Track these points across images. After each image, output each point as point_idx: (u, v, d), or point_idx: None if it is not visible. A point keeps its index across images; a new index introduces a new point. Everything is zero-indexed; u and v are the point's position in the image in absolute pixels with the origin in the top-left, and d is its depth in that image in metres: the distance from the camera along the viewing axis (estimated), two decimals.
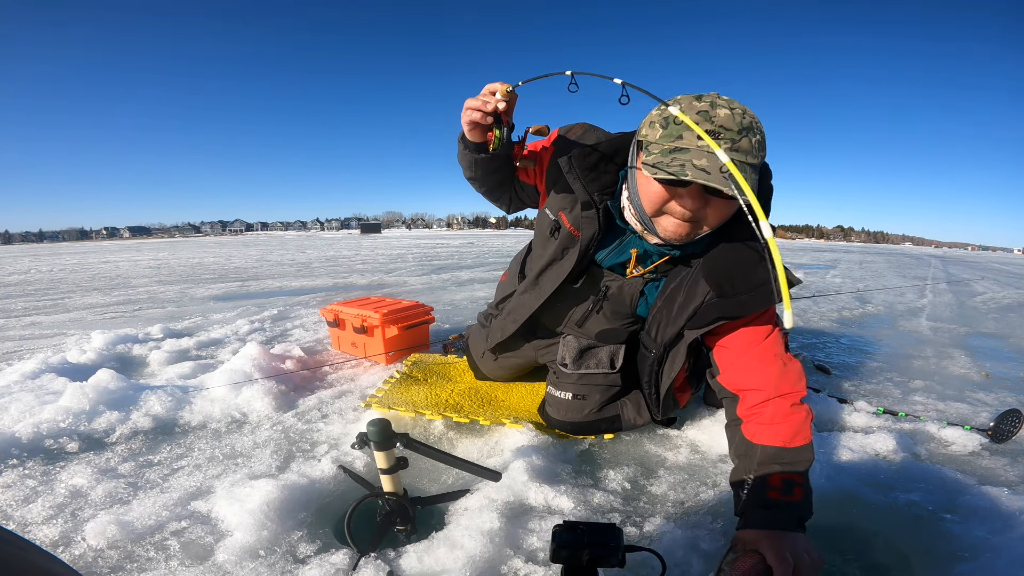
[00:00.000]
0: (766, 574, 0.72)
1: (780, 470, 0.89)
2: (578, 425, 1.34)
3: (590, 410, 1.33)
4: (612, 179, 1.12)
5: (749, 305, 1.01)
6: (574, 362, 1.35)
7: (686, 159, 0.85)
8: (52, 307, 3.91)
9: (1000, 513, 1.00)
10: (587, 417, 1.33)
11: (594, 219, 1.12)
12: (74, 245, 54.88)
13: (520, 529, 0.95)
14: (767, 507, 0.85)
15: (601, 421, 1.34)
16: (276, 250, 14.08)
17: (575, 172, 1.12)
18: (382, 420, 0.89)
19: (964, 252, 36.00)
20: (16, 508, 1.03)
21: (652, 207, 0.98)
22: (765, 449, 0.93)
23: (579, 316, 1.32)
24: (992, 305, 4.19)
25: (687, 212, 0.93)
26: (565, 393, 1.35)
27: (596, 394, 1.34)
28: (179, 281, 5.76)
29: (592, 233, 1.13)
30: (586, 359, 1.36)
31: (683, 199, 0.92)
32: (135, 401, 1.49)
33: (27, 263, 10.45)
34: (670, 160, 0.87)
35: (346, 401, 1.61)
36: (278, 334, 2.58)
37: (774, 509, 0.84)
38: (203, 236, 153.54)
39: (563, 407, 1.35)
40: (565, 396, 1.35)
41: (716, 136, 0.85)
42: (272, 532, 0.93)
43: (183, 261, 9.81)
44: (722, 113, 0.86)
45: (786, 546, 0.75)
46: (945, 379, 1.98)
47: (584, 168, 1.12)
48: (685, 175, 0.84)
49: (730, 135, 0.85)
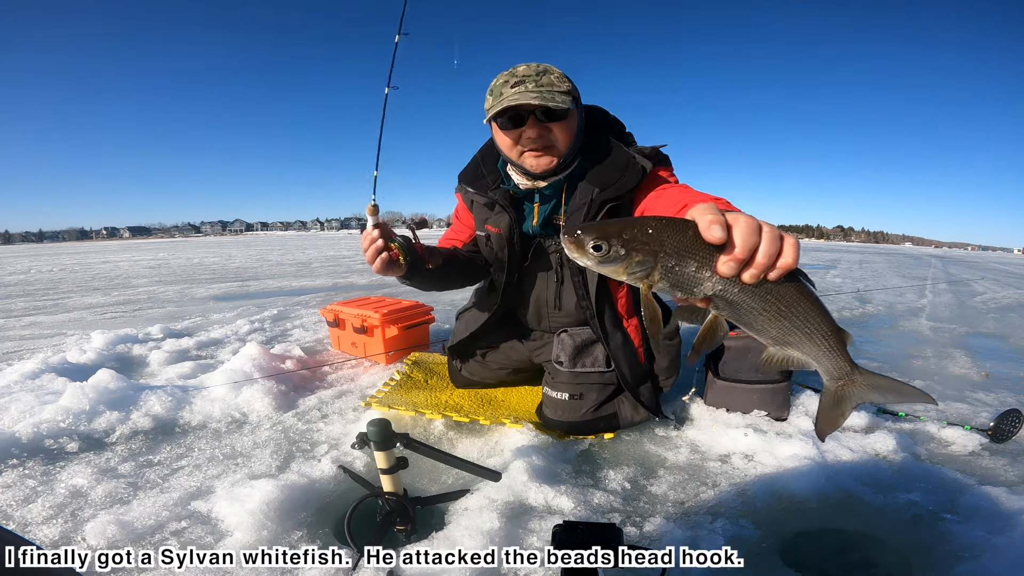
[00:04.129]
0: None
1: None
2: (576, 425, 1.34)
3: (587, 409, 1.34)
4: (494, 173, 1.34)
5: (624, 182, 1.17)
6: (570, 360, 1.36)
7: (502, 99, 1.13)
8: (52, 307, 3.91)
9: (1000, 513, 1.00)
10: (584, 416, 1.34)
11: (502, 209, 1.31)
12: (74, 245, 54.89)
13: (520, 529, 0.95)
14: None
15: (599, 420, 1.35)
16: (276, 250, 14.08)
17: (468, 191, 1.37)
18: (382, 420, 0.89)
19: (964, 252, 36.02)
20: (16, 508, 1.03)
21: (509, 148, 1.21)
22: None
23: (552, 296, 1.39)
24: (992, 305, 4.19)
25: (535, 140, 1.15)
26: (561, 393, 1.36)
27: (593, 393, 1.35)
28: (179, 281, 5.76)
29: (508, 218, 1.30)
30: (582, 357, 1.37)
31: (525, 131, 1.15)
32: (135, 401, 1.49)
33: (27, 263, 10.45)
34: (494, 104, 1.14)
35: (346, 401, 1.61)
36: (278, 334, 2.58)
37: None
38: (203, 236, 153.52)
39: (560, 407, 1.35)
40: (562, 396, 1.35)
41: (521, 83, 1.12)
42: (272, 532, 0.93)
43: (183, 261, 9.81)
44: (521, 68, 1.16)
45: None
46: (945, 379, 1.98)
47: (470, 180, 1.37)
48: (502, 104, 1.11)
49: (531, 78, 1.12)
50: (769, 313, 0.51)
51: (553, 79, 1.13)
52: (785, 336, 0.53)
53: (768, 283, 0.49)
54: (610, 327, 1.34)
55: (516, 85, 1.12)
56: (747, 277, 0.48)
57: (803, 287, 0.51)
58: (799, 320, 0.52)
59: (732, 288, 0.50)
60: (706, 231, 0.47)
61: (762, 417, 1.45)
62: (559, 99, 1.10)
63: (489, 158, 1.37)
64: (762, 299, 0.50)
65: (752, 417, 1.45)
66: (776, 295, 0.50)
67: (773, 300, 0.50)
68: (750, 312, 0.51)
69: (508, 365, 1.58)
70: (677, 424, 1.46)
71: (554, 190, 1.26)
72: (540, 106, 1.11)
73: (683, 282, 0.50)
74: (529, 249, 1.35)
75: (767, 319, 0.52)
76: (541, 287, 1.41)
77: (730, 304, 0.51)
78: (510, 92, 1.12)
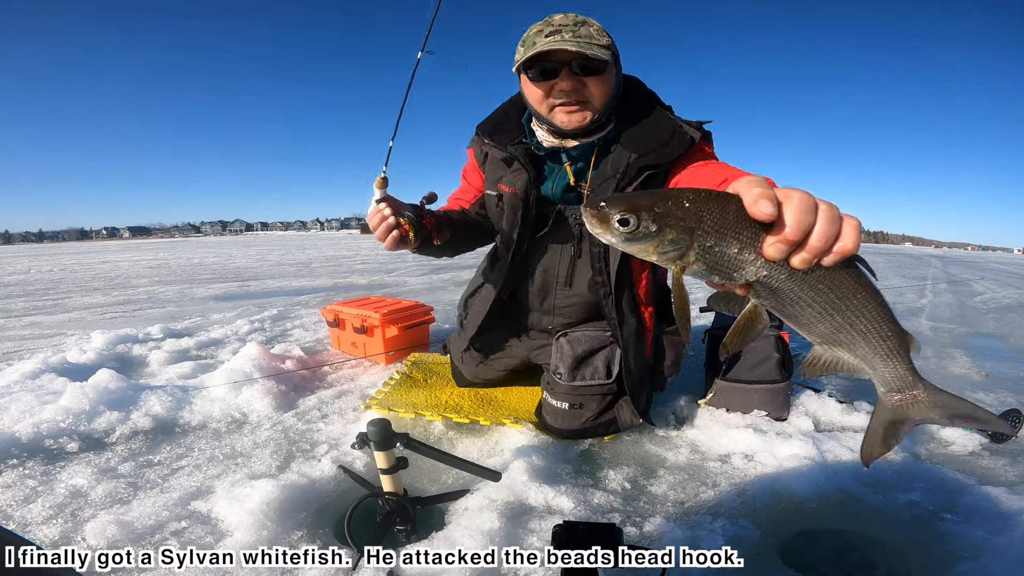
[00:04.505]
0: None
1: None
2: (575, 432, 1.33)
3: (587, 418, 1.32)
4: (518, 127, 1.26)
5: (668, 150, 1.09)
6: (569, 372, 1.32)
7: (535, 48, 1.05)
8: (52, 307, 3.91)
9: (1000, 513, 1.00)
10: (584, 424, 1.32)
11: (520, 167, 1.22)
12: (74, 245, 54.91)
13: (520, 529, 0.95)
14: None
15: (598, 427, 1.33)
16: (276, 250, 14.08)
17: (485, 144, 1.28)
18: (382, 420, 0.89)
19: (964, 252, 36.02)
20: (16, 508, 1.03)
21: (539, 102, 1.13)
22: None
23: (565, 270, 1.29)
24: (992, 305, 4.19)
25: (569, 94, 1.08)
26: (561, 403, 1.32)
27: (593, 403, 1.32)
28: (179, 281, 5.76)
29: (526, 178, 1.21)
30: (582, 368, 1.33)
31: (558, 84, 1.08)
32: (135, 401, 1.49)
33: (27, 263, 10.45)
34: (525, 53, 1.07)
35: (346, 401, 1.61)
36: (278, 334, 2.58)
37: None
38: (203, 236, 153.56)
39: (559, 416, 1.33)
40: (561, 405, 1.32)
41: (557, 32, 1.04)
42: (272, 532, 0.93)
43: (183, 261, 9.81)
44: (557, 17, 1.08)
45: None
46: (945, 379, 1.98)
47: (489, 131, 1.28)
48: (534, 50, 1.04)
49: (568, 28, 1.05)
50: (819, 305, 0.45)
51: (592, 31, 1.06)
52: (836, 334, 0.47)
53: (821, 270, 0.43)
54: (627, 310, 1.25)
55: (551, 35, 1.04)
56: (797, 262, 0.41)
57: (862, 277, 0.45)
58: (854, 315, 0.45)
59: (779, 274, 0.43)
60: (753, 206, 0.40)
61: (762, 417, 1.45)
62: (598, 50, 1.02)
63: (514, 112, 1.29)
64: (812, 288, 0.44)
65: (752, 417, 1.45)
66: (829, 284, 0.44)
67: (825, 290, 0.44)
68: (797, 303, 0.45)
69: (510, 365, 1.55)
70: (677, 424, 1.46)
71: (583, 153, 1.16)
72: (577, 55, 1.03)
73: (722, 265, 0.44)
74: (546, 216, 1.25)
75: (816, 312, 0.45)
76: (553, 259, 1.30)
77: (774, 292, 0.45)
78: (544, 41, 1.04)
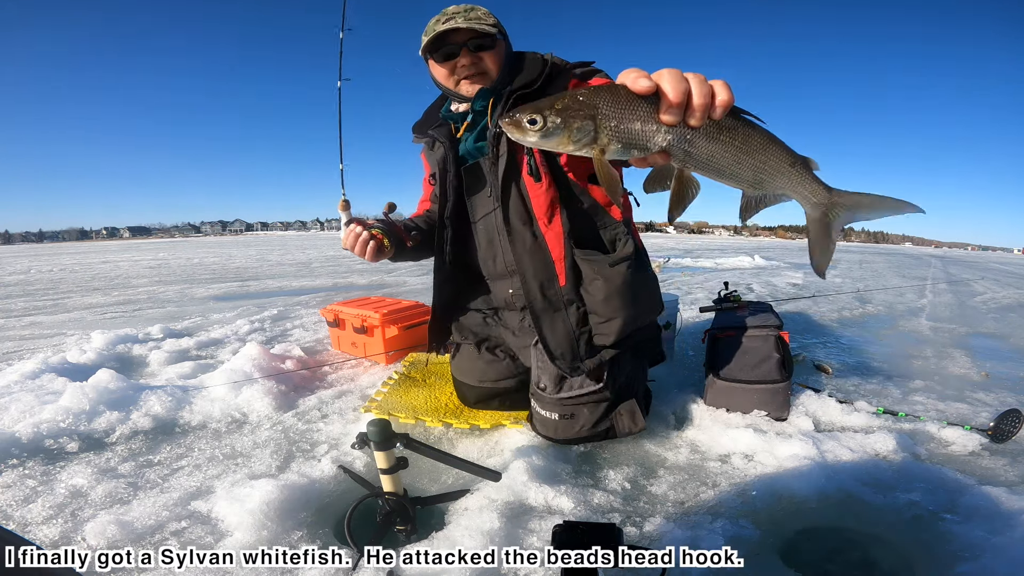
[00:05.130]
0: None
1: None
2: (569, 440, 1.28)
3: (581, 427, 1.26)
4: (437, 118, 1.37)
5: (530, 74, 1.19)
6: (554, 385, 1.25)
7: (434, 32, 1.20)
8: (52, 307, 3.91)
9: (1000, 513, 1.00)
10: (579, 434, 1.26)
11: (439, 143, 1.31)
12: (74, 245, 54.92)
13: (520, 529, 0.95)
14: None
15: (595, 435, 1.27)
16: (276, 250, 14.08)
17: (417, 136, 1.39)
18: (382, 420, 0.89)
19: (964, 252, 36.03)
20: (16, 508, 1.03)
21: (445, 78, 1.27)
22: None
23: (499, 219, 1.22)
24: (992, 305, 4.19)
25: (468, 67, 1.22)
26: (551, 413, 1.26)
27: (585, 410, 1.24)
28: (179, 281, 5.76)
29: (443, 148, 1.31)
30: (567, 379, 1.24)
31: (459, 61, 1.22)
32: (135, 401, 1.49)
33: (27, 263, 10.45)
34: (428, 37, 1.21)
35: (346, 401, 1.61)
36: (278, 334, 2.58)
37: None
38: (203, 236, 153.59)
39: (550, 426, 1.27)
40: (551, 416, 1.26)
41: (451, 19, 1.19)
42: (272, 532, 0.93)
43: (183, 261, 9.81)
44: (450, 8, 1.22)
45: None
46: (945, 379, 1.98)
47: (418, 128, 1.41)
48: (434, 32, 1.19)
49: (460, 15, 1.20)
50: (730, 154, 0.53)
51: (480, 14, 1.21)
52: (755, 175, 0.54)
53: (717, 124, 0.51)
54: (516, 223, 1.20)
55: (447, 22, 1.19)
56: (693, 121, 0.50)
57: (753, 124, 0.53)
58: (761, 155, 0.53)
59: (684, 135, 0.51)
60: (633, 84, 0.49)
61: (762, 417, 1.45)
62: (487, 28, 1.19)
63: (434, 107, 1.42)
64: (716, 141, 0.52)
65: (752, 417, 1.45)
66: (729, 134, 0.52)
67: (728, 139, 0.52)
68: (712, 158, 0.53)
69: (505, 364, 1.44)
70: (677, 424, 1.46)
71: (483, 103, 1.24)
72: (469, 32, 1.19)
73: (633, 138, 0.52)
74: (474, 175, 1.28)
75: (730, 160, 0.53)
76: (486, 209, 1.29)
77: (688, 154, 0.52)
78: (441, 27, 1.19)
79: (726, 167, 0.53)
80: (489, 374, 1.45)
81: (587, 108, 0.51)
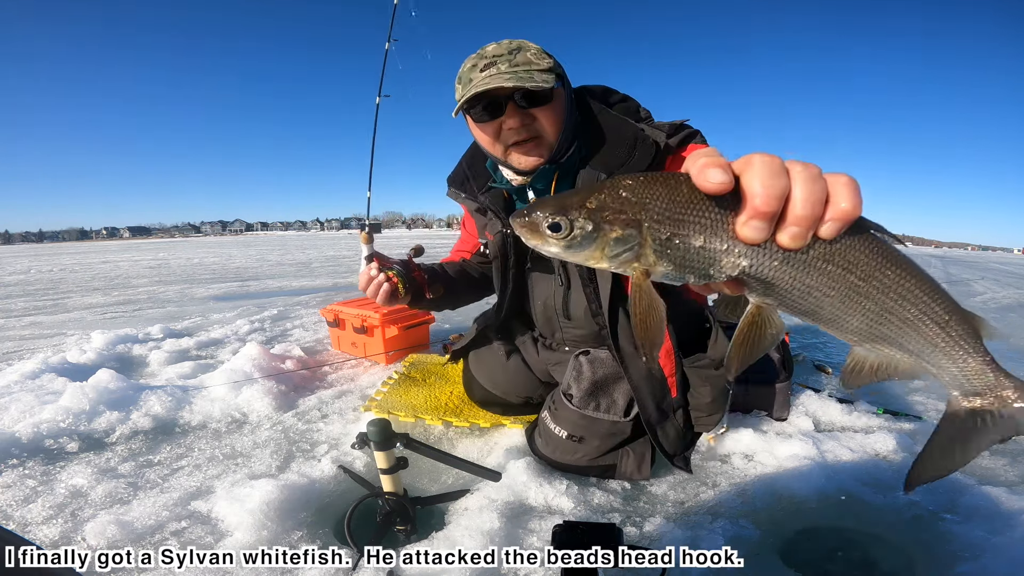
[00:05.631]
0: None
1: None
2: (566, 466, 1.16)
3: (583, 455, 1.14)
4: (486, 174, 1.18)
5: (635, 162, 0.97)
6: (582, 397, 1.14)
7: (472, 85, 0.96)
8: (52, 307, 3.91)
9: (1000, 513, 1.00)
10: (578, 461, 1.15)
11: (493, 213, 1.14)
12: (74, 245, 54.95)
13: (520, 529, 0.95)
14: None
15: (592, 468, 1.16)
16: (276, 250, 14.08)
17: (458, 195, 1.21)
18: (382, 420, 0.89)
19: (964, 252, 36.00)
20: (16, 508, 1.03)
21: (490, 144, 1.03)
22: None
23: (559, 302, 1.19)
24: (992, 305, 4.19)
25: (518, 130, 0.98)
26: (560, 429, 1.16)
27: (596, 439, 1.14)
28: (179, 281, 5.76)
29: (499, 225, 1.15)
30: (598, 396, 1.14)
31: (506, 121, 0.98)
32: (135, 401, 1.49)
33: (27, 263, 10.45)
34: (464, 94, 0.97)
35: (346, 401, 1.61)
36: (278, 334, 2.58)
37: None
38: (203, 236, 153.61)
39: (553, 444, 1.17)
40: (559, 432, 1.16)
41: (492, 64, 0.95)
42: (272, 532, 0.93)
43: (183, 261, 9.81)
44: (490, 48, 0.98)
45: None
46: None
47: (459, 184, 1.21)
48: (472, 92, 0.94)
49: (504, 58, 0.95)
50: (837, 292, 0.35)
51: (530, 56, 0.96)
52: (875, 326, 0.36)
53: (823, 245, 0.33)
54: (627, 347, 1.08)
55: (487, 68, 0.95)
56: (786, 239, 0.33)
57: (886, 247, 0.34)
58: (890, 298, 0.35)
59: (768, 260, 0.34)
60: (699, 177, 0.33)
61: (762, 417, 1.45)
62: (539, 78, 0.93)
63: (478, 156, 1.20)
64: (820, 271, 0.34)
65: (752, 417, 1.45)
66: (842, 262, 0.34)
67: (838, 271, 0.34)
68: (808, 294, 0.35)
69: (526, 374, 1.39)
70: None
71: (546, 183, 1.07)
72: (517, 89, 0.92)
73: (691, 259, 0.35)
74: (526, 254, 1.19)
75: (838, 301, 0.35)
76: (547, 291, 1.22)
77: (770, 285, 0.35)
78: (480, 77, 0.95)
79: (827, 309, 0.36)
80: (505, 385, 1.41)
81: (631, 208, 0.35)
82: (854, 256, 0.34)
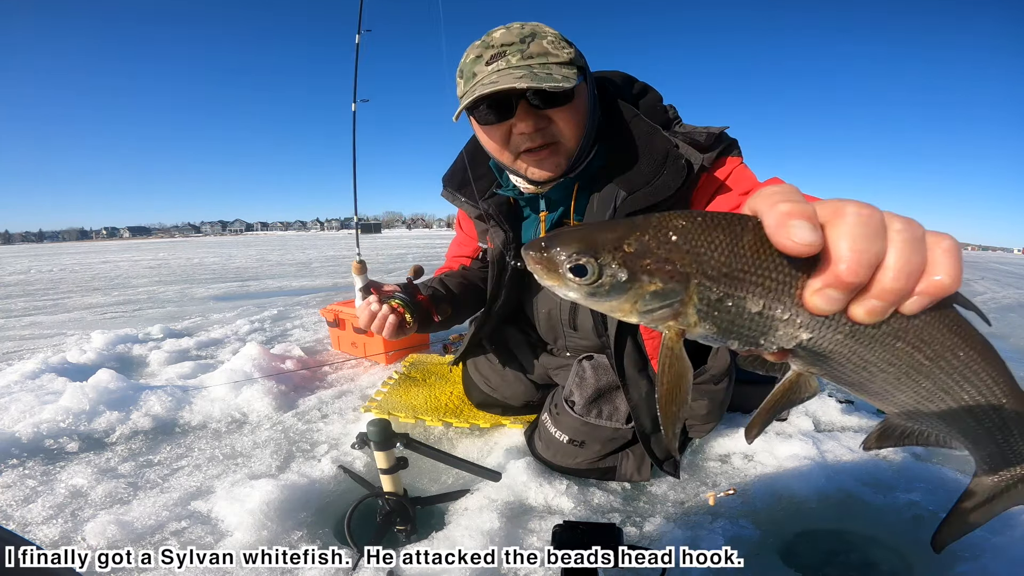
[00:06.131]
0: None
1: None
2: (566, 469, 1.14)
3: (584, 459, 1.12)
4: (488, 175, 1.06)
5: (663, 182, 0.84)
6: (585, 405, 1.11)
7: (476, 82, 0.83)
8: (52, 307, 3.91)
9: None
10: (578, 465, 1.12)
11: (496, 223, 1.04)
12: (74, 245, 54.97)
13: (520, 529, 0.95)
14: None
15: (593, 471, 1.14)
16: (276, 250, 14.08)
17: (456, 197, 1.09)
18: (382, 420, 0.89)
19: (964, 252, 35.89)
20: (16, 508, 1.03)
21: (499, 151, 0.90)
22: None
23: (567, 313, 1.15)
24: (992, 305, 4.19)
25: (531, 136, 0.84)
26: (561, 433, 1.13)
27: (597, 444, 1.11)
28: (179, 281, 5.76)
29: (503, 237, 1.05)
30: (600, 404, 1.12)
31: (516, 124, 0.84)
32: (135, 401, 1.49)
33: (27, 263, 10.45)
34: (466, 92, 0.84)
35: (346, 401, 1.61)
36: (278, 334, 2.58)
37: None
38: (203, 236, 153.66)
39: (554, 448, 1.14)
40: (560, 436, 1.13)
41: (502, 55, 0.81)
42: (272, 532, 0.93)
43: (183, 261, 9.81)
44: (497, 34, 0.83)
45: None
46: None
47: (457, 186, 1.08)
48: (475, 93, 0.80)
49: (515, 47, 0.80)
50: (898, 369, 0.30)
51: (546, 45, 0.80)
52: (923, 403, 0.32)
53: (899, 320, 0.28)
54: (632, 371, 1.03)
55: (493, 60, 0.80)
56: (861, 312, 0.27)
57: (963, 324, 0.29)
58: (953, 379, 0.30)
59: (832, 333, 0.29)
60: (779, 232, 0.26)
61: None
62: (559, 74, 0.78)
63: (479, 155, 1.06)
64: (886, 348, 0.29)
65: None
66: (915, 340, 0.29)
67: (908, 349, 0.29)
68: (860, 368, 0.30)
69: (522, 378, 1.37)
70: None
71: (563, 194, 0.96)
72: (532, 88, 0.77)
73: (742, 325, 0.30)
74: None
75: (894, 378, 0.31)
76: (553, 301, 1.15)
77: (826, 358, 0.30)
78: (486, 72, 0.81)
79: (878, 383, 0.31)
80: (503, 390, 1.40)
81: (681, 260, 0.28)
82: (928, 334, 0.29)
